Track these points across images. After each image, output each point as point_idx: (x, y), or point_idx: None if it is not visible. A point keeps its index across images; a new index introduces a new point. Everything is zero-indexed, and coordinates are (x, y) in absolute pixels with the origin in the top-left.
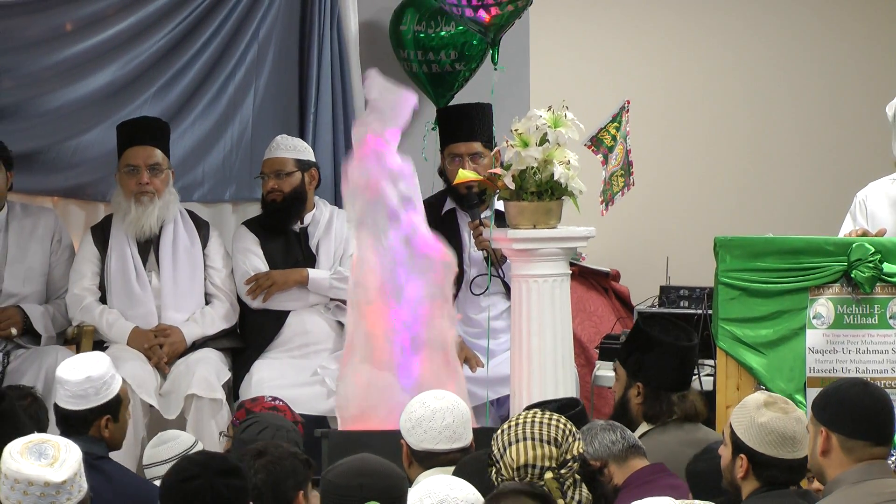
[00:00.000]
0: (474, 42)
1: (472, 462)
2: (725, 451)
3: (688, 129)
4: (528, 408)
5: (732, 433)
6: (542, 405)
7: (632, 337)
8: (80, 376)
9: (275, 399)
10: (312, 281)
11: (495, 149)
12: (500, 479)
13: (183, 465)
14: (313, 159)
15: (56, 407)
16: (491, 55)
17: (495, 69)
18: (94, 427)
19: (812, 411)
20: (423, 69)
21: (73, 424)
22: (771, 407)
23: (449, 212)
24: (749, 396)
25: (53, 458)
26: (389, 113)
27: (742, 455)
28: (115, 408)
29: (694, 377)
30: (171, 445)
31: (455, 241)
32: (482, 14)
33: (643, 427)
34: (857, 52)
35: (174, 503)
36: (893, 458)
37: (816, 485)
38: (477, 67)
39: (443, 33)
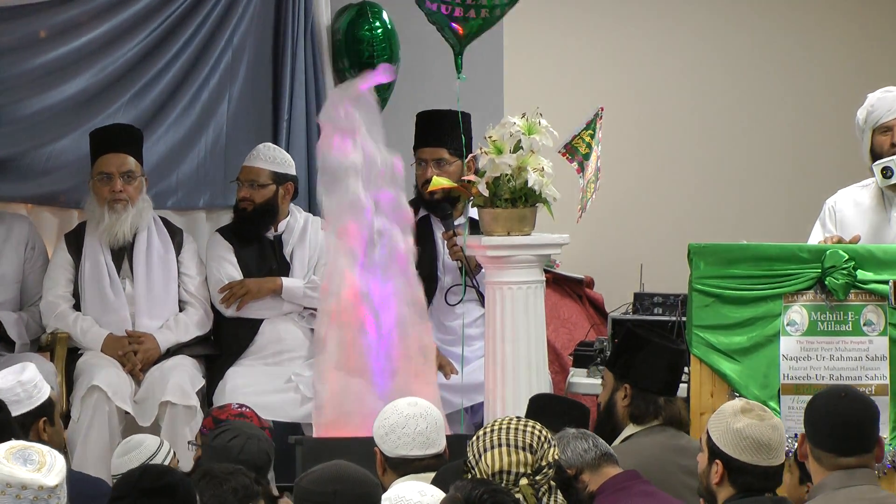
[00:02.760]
0: None
1: (452, 470)
2: (702, 457)
3: (661, 136)
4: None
5: (709, 439)
6: (551, 399)
7: (620, 342)
8: (10, 382)
9: (241, 406)
10: (286, 290)
11: (469, 155)
12: None
13: (118, 483)
14: (293, 173)
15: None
16: (455, 64)
17: (458, 79)
18: (32, 432)
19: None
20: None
21: (6, 434)
22: (747, 414)
23: (423, 219)
24: (727, 403)
25: (40, 463)
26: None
27: (718, 461)
28: (49, 410)
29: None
30: (136, 454)
31: (429, 249)
32: (454, 25)
33: (628, 430)
34: (826, 62)
35: None
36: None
37: None
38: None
39: None
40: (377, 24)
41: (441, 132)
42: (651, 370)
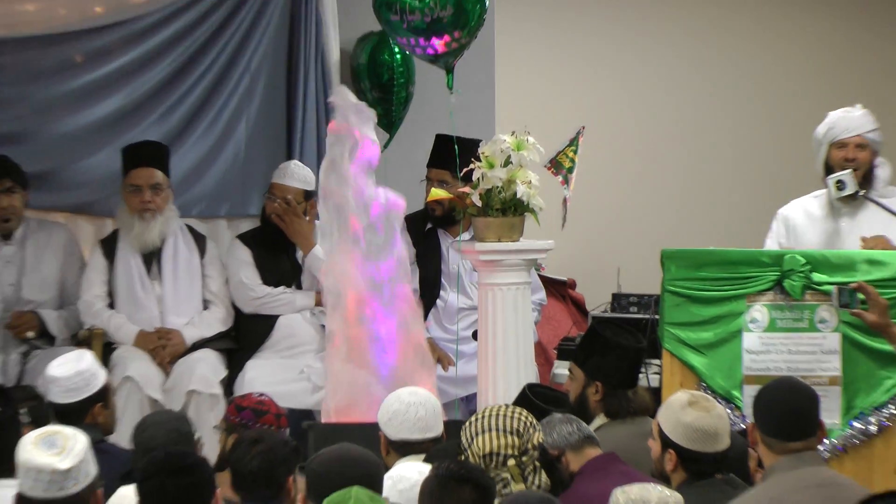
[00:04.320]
0: None
1: (442, 451)
2: (655, 446)
3: (638, 151)
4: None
5: (661, 431)
6: (542, 389)
7: (588, 342)
8: (70, 372)
9: (261, 395)
10: (313, 254)
11: (454, 185)
12: None
13: (145, 465)
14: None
15: (51, 404)
16: (446, 80)
17: (451, 93)
18: (88, 416)
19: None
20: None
21: (70, 416)
22: (694, 406)
23: (430, 231)
24: (673, 396)
25: (61, 448)
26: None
27: (671, 450)
28: (104, 395)
29: (641, 374)
30: None
31: (435, 258)
32: (431, 51)
33: (599, 420)
34: (785, 86)
35: (139, 499)
36: (824, 446)
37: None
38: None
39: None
40: (396, 50)
41: (447, 156)
42: (619, 370)
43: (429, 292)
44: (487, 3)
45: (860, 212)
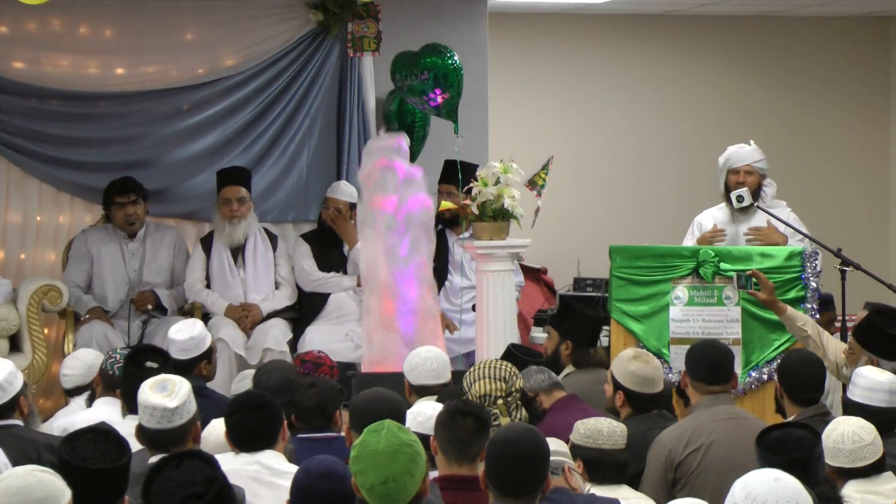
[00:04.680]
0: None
1: (449, 393)
2: (609, 389)
3: (595, 172)
4: (503, 358)
5: (612, 377)
6: (518, 350)
7: (562, 312)
8: (185, 336)
9: (319, 352)
10: (356, 249)
11: (457, 196)
12: None
13: (230, 403)
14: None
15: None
16: (453, 126)
17: (456, 135)
18: (196, 369)
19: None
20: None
21: (182, 369)
22: (638, 359)
23: (439, 231)
24: (622, 352)
25: (170, 391)
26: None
27: (620, 391)
28: (209, 354)
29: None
30: (247, 382)
31: (442, 251)
32: (433, 104)
33: (568, 370)
34: (699, 124)
35: (228, 430)
36: (739, 387)
37: None
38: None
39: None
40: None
41: (453, 175)
42: (584, 333)
43: (438, 276)
44: (458, 62)
45: (752, 219)
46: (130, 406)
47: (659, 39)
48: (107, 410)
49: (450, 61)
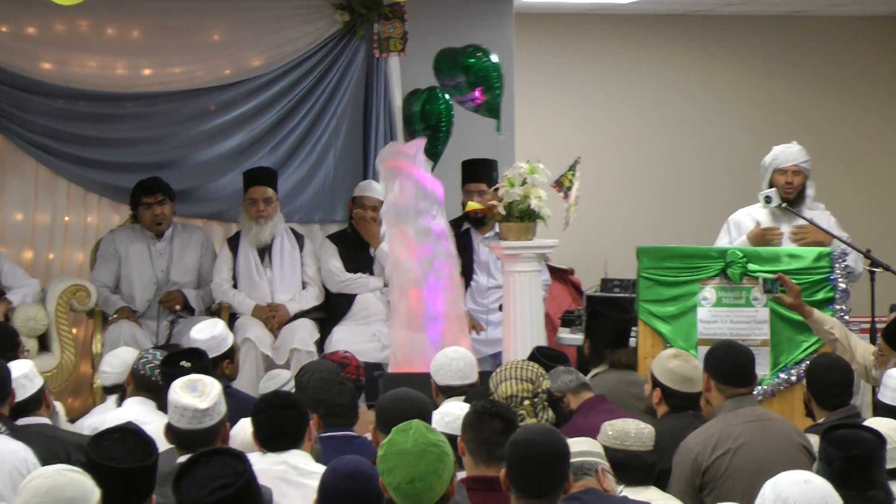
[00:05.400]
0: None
1: (476, 393)
2: (647, 387)
3: (622, 173)
4: (528, 359)
5: (652, 374)
6: (542, 354)
7: (589, 313)
8: (206, 336)
9: (346, 352)
10: (380, 250)
11: (493, 189)
12: None
13: (258, 402)
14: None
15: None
16: (496, 124)
17: (498, 133)
18: (219, 368)
19: (703, 363)
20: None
21: (206, 369)
22: (677, 358)
23: (465, 231)
24: (664, 351)
25: (201, 392)
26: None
27: (657, 389)
28: (231, 354)
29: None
30: (275, 382)
31: (468, 251)
32: (472, 104)
33: (594, 370)
34: (731, 125)
35: (254, 429)
36: (757, 392)
37: None
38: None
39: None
40: (441, 101)
41: (481, 173)
42: (605, 333)
43: (464, 276)
44: (502, 67)
45: (794, 220)
46: (161, 406)
47: (684, 39)
48: (137, 410)
49: (487, 63)
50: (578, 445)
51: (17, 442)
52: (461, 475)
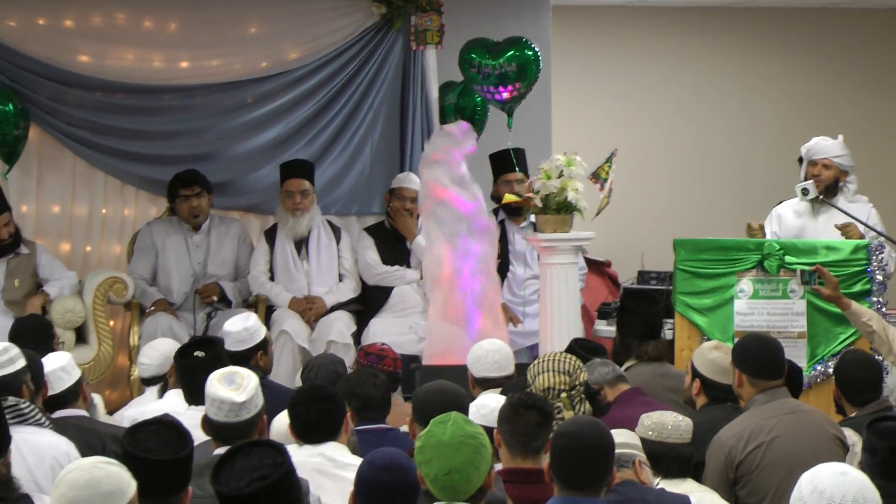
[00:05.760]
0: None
1: (513, 386)
2: (687, 378)
3: (658, 166)
4: (566, 350)
5: (692, 365)
6: (581, 346)
7: (619, 306)
8: (239, 328)
9: (383, 344)
10: (416, 243)
11: (528, 180)
12: None
13: (294, 394)
14: None
15: (227, 351)
16: (507, 120)
17: (509, 129)
18: (252, 360)
19: (731, 357)
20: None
21: (239, 360)
22: (718, 349)
23: (500, 222)
24: (704, 343)
25: (238, 384)
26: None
27: (697, 380)
28: (264, 345)
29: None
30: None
31: (504, 242)
32: (502, 96)
33: (628, 363)
34: (768, 119)
35: (291, 421)
36: (805, 381)
37: None
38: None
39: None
40: (476, 94)
41: (518, 162)
42: (630, 325)
43: (500, 267)
44: (542, 62)
45: (831, 211)
46: (189, 399)
47: (720, 32)
48: (178, 402)
49: (530, 53)
50: (616, 437)
51: (60, 436)
52: (498, 467)
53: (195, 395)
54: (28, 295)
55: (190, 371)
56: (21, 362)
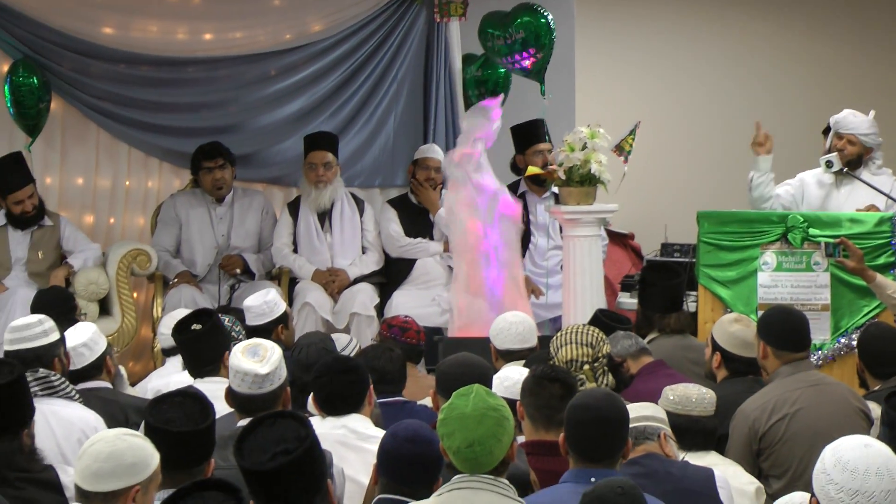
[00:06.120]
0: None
1: (536, 358)
2: (707, 351)
3: (682, 137)
4: (590, 323)
5: (712, 338)
6: (605, 316)
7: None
8: (259, 302)
9: (406, 317)
10: (438, 215)
11: (552, 152)
12: None
13: (319, 367)
14: None
15: (247, 326)
16: (540, 88)
17: (543, 96)
18: (273, 334)
19: (756, 328)
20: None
21: (260, 334)
22: (739, 322)
23: (522, 193)
24: (724, 316)
25: (262, 357)
26: (477, 131)
27: (717, 353)
28: (284, 319)
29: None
30: (336, 344)
31: (525, 213)
32: (520, 66)
33: (651, 335)
34: (791, 90)
35: (314, 393)
36: (817, 356)
37: None
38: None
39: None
40: (497, 66)
41: (542, 132)
42: (652, 297)
43: (522, 239)
44: (564, 32)
45: (854, 183)
46: (193, 372)
47: (744, 5)
48: None
49: (542, 20)
50: (642, 410)
51: (89, 410)
52: (521, 440)
53: (198, 368)
54: (52, 267)
55: (190, 345)
56: (55, 335)
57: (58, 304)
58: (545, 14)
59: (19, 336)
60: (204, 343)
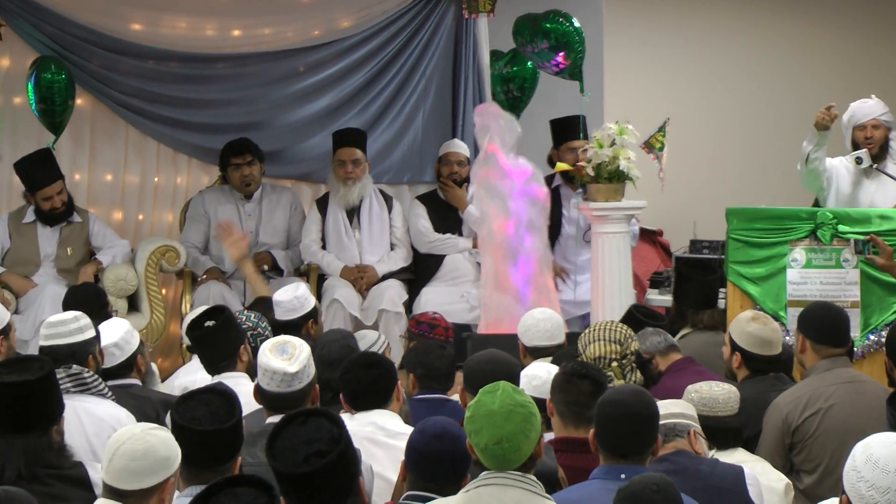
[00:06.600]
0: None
1: (564, 355)
2: (726, 350)
3: (710, 134)
4: (624, 319)
5: (730, 338)
6: (639, 312)
7: (675, 275)
8: (289, 297)
9: (434, 313)
10: (468, 212)
11: (581, 148)
12: None
13: (346, 363)
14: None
15: (274, 321)
16: (579, 86)
17: (582, 95)
18: (304, 328)
19: (796, 323)
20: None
21: (289, 330)
22: (756, 321)
23: (556, 188)
24: (741, 314)
25: (290, 355)
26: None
27: (737, 352)
28: (315, 314)
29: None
30: (363, 343)
31: (557, 208)
32: (556, 69)
33: (683, 331)
34: (813, 85)
35: (342, 389)
36: (857, 350)
37: None
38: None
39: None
40: (528, 63)
41: (580, 129)
42: (687, 294)
43: (553, 230)
44: (593, 31)
45: (881, 177)
46: (209, 369)
47: (772, 2)
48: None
49: (568, 27)
50: (672, 407)
51: (121, 408)
52: (549, 437)
53: (213, 365)
54: (80, 263)
55: (204, 341)
56: (90, 332)
57: (90, 300)
58: (571, 20)
59: (54, 332)
60: (217, 339)
